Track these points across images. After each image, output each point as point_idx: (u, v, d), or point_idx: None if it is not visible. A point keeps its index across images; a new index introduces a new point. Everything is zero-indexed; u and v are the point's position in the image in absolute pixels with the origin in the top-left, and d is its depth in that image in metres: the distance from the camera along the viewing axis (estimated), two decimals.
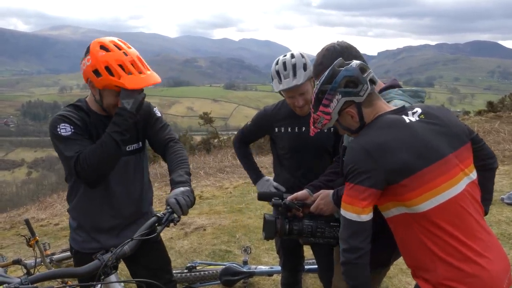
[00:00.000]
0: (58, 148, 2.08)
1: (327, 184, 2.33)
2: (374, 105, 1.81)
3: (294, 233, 2.21)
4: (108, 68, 1.98)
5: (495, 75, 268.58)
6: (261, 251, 4.87)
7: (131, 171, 2.30)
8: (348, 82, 1.77)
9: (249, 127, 2.90)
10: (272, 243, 5.14)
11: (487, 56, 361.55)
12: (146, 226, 1.73)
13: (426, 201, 1.66)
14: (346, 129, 1.88)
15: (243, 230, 5.55)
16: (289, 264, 3.02)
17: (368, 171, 1.66)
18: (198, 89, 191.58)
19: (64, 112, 2.14)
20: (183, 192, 1.94)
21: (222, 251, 4.92)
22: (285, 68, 2.50)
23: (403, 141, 1.68)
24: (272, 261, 4.60)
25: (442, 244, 1.67)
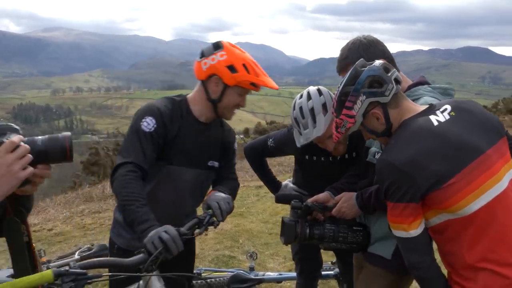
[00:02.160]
0: (128, 137, 2.01)
1: (349, 186, 2.21)
2: (401, 105, 1.71)
3: (315, 237, 2.08)
4: (245, 66, 1.97)
5: (486, 80, 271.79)
6: (265, 257, 4.73)
7: (199, 185, 2.19)
8: (372, 82, 1.67)
9: (271, 149, 2.64)
10: (277, 247, 5.03)
11: (478, 62, 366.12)
12: (187, 227, 1.77)
13: (471, 203, 1.54)
14: (371, 132, 1.77)
15: (246, 235, 5.41)
16: (307, 271, 2.89)
17: (403, 187, 1.57)
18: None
19: (160, 104, 2.07)
20: (224, 199, 1.95)
21: (226, 256, 4.77)
22: (302, 116, 2.24)
23: (432, 151, 1.57)
24: (278, 266, 4.47)
25: (485, 249, 1.56)
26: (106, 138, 37.39)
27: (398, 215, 1.62)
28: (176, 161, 2.07)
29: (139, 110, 2.08)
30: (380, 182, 1.67)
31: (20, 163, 1.19)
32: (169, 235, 1.64)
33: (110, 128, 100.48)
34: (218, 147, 2.20)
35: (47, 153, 1.26)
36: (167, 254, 1.62)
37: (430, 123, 1.63)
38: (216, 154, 2.19)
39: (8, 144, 1.18)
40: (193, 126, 2.10)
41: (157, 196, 2.01)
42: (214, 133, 2.18)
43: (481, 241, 1.56)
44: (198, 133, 2.10)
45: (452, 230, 1.60)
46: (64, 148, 1.27)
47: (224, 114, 2.11)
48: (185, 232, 1.73)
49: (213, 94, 2.03)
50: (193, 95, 2.14)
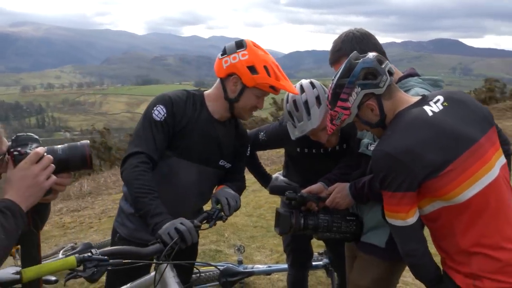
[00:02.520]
0: (139, 125, 2.01)
1: (342, 177, 2.22)
2: (394, 97, 1.74)
3: (309, 228, 2.10)
4: (266, 68, 1.94)
5: (456, 71, 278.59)
6: (252, 250, 4.73)
7: (206, 183, 2.16)
8: (367, 74, 1.70)
9: (262, 142, 2.62)
10: (263, 240, 5.03)
11: (449, 54, 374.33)
12: (199, 219, 1.83)
13: (465, 190, 1.58)
14: (366, 124, 1.79)
15: (231, 229, 5.39)
16: (299, 262, 2.91)
17: (400, 176, 1.59)
18: (167, 87, 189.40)
19: (173, 94, 2.05)
20: (234, 196, 1.99)
21: (212, 251, 4.75)
22: (296, 108, 2.25)
23: (428, 141, 1.60)
24: (265, 259, 4.48)
25: (478, 235, 1.60)
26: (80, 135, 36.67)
27: (396, 204, 1.64)
28: (184, 155, 2.04)
29: (154, 98, 2.07)
30: (376, 172, 1.69)
31: (45, 173, 1.25)
32: (185, 226, 1.67)
33: (83, 125, 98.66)
34: (231, 147, 2.17)
35: (68, 162, 1.33)
36: (182, 244, 1.66)
37: (425, 113, 1.66)
38: (228, 155, 2.16)
39: (33, 155, 1.25)
40: (205, 121, 2.06)
41: (161, 189, 1.97)
42: (228, 132, 2.15)
43: (474, 227, 1.60)
44: (211, 129, 2.07)
45: (446, 217, 1.64)
46: (84, 156, 1.34)
47: (241, 114, 2.08)
48: (198, 224, 1.78)
49: (231, 93, 2.01)
50: (211, 92, 2.11)
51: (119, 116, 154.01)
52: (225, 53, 1.98)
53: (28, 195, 1.23)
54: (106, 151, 17.68)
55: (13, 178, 1.24)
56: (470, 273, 1.61)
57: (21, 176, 1.23)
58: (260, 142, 2.62)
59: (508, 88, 20.64)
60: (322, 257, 3.58)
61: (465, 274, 1.63)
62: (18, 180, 1.23)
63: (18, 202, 1.21)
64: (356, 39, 1.99)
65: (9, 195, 1.22)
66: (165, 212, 1.78)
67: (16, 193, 1.22)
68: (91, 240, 5.31)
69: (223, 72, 1.98)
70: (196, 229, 1.73)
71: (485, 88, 18.91)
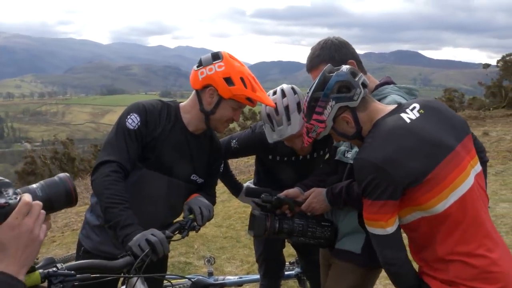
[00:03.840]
0: (111, 133, 1.95)
1: (318, 184, 2.21)
2: (369, 108, 1.75)
3: (284, 231, 2.08)
4: (242, 79, 1.92)
5: (417, 82, 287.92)
6: (222, 261, 4.67)
7: (176, 197, 2.07)
8: (341, 87, 1.71)
9: (234, 150, 2.58)
10: (233, 251, 4.98)
11: (409, 65, 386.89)
12: (171, 230, 1.79)
13: (443, 200, 1.59)
14: (342, 136, 1.81)
15: (201, 240, 5.31)
16: (271, 272, 2.88)
17: (382, 184, 1.59)
18: (133, 97, 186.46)
19: (147, 103, 2.00)
20: (207, 205, 1.95)
21: (182, 263, 4.65)
22: (277, 112, 2.23)
23: (409, 149, 1.60)
24: (236, 270, 4.42)
25: (455, 243, 1.61)
26: (41, 146, 35.45)
27: (375, 212, 1.63)
28: (155, 167, 1.98)
29: (127, 107, 2.01)
30: (359, 180, 1.68)
31: (39, 224, 1.03)
32: (157, 237, 1.62)
33: (45, 136, 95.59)
34: (204, 161, 2.12)
35: (51, 202, 1.16)
36: (154, 256, 1.60)
37: (403, 120, 1.67)
38: (201, 169, 2.10)
39: (24, 206, 1.01)
40: (179, 134, 2.01)
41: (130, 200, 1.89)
42: (202, 145, 2.10)
43: (452, 235, 1.61)
44: (184, 142, 2.02)
45: (426, 227, 1.64)
46: (68, 191, 1.19)
47: (217, 126, 2.04)
48: (170, 235, 1.72)
49: (207, 105, 1.97)
50: (186, 104, 2.06)
51: (82, 127, 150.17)
52: (201, 65, 1.96)
53: (26, 257, 0.98)
54: (69, 162, 17.18)
55: (3, 241, 0.96)
56: (447, 280, 1.62)
57: (15, 236, 0.97)
58: (232, 150, 2.59)
59: (466, 98, 21.48)
60: (294, 266, 3.56)
61: (442, 280, 1.63)
62: (12, 241, 0.97)
63: (15, 273, 0.95)
64: (334, 47, 2.00)
65: (4, 265, 0.95)
66: (135, 223, 1.72)
67: (13, 260, 0.96)
68: (53, 254, 5.09)
69: (199, 84, 1.95)
70: (168, 240, 1.68)
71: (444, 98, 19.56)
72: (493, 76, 19.13)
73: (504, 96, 17.74)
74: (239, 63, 1.98)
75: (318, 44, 2.05)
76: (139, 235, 1.63)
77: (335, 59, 1.97)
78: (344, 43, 2.03)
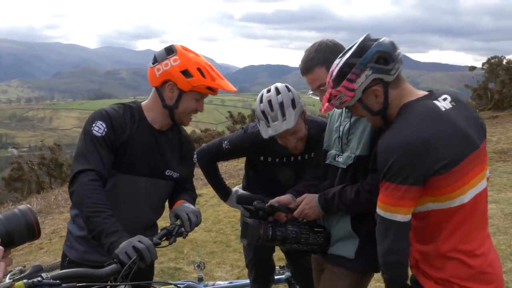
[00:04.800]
0: (80, 142, 1.90)
1: (309, 189, 2.20)
2: (401, 87, 1.67)
3: (277, 239, 2.06)
4: (200, 70, 1.89)
5: None
6: (212, 266, 4.64)
7: (156, 195, 2.07)
8: (380, 58, 1.61)
9: (226, 151, 2.57)
10: (223, 256, 4.96)
11: None
12: (158, 237, 1.76)
13: (462, 195, 1.56)
14: (366, 109, 1.70)
15: (190, 245, 5.27)
16: (262, 277, 2.87)
17: (412, 168, 1.51)
18: (121, 101, 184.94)
19: (109, 109, 1.96)
20: (194, 211, 1.93)
21: (171, 268, 4.61)
22: (271, 108, 2.21)
23: (444, 135, 1.54)
24: (226, 275, 4.40)
25: (458, 240, 1.59)
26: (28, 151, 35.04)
27: (398, 197, 1.54)
28: (128, 170, 1.95)
29: (90, 115, 1.97)
30: (384, 161, 1.57)
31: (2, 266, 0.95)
32: (144, 244, 1.59)
33: (32, 141, 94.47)
34: (176, 155, 2.10)
35: (12, 237, 1.10)
36: (141, 263, 1.57)
37: (437, 107, 1.61)
38: (174, 163, 2.09)
39: None
40: (146, 133, 1.99)
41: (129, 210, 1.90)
42: (171, 140, 2.09)
43: (458, 232, 1.59)
44: (152, 140, 2.00)
45: (434, 220, 1.60)
46: (30, 225, 1.12)
47: (181, 120, 2.03)
48: (157, 241, 1.70)
49: (169, 100, 1.95)
50: (147, 102, 2.04)
51: (70, 132, 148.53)
52: (156, 61, 1.94)
53: None
54: (56, 168, 16.97)
55: None
56: (443, 279, 1.60)
57: None
58: (223, 151, 2.58)
59: None
60: (284, 270, 3.55)
61: (436, 280, 1.61)
62: None
63: None
64: (329, 49, 2.00)
65: None
66: (120, 230, 1.68)
67: None
68: (41, 262, 5.02)
69: (157, 81, 1.93)
70: (155, 246, 1.66)
71: None
72: (479, 78, 19.38)
73: (490, 98, 17.98)
74: (194, 53, 1.96)
75: (313, 46, 2.04)
76: (126, 242, 1.60)
77: (330, 62, 1.96)
78: (338, 46, 2.03)
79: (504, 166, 8.01)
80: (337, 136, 2.10)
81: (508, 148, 9.44)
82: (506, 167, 7.95)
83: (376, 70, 1.61)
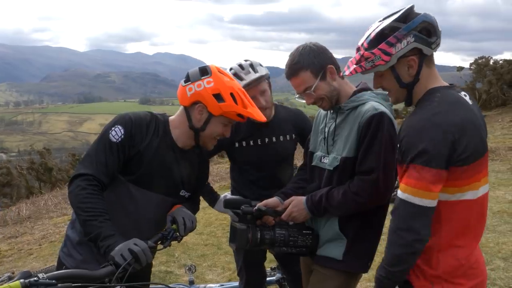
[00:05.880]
0: (95, 144, 1.89)
1: (297, 191, 2.22)
2: (432, 67, 1.63)
3: (266, 242, 2.06)
4: (233, 95, 1.85)
5: None
6: (203, 269, 4.63)
7: (165, 212, 2.01)
8: (424, 29, 1.57)
9: None
10: (214, 258, 4.95)
11: None
12: (154, 240, 1.79)
13: (476, 189, 1.57)
14: (396, 79, 1.63)
15: (181, 248, 5.25)
16: (253, 281, 2.86)
17: (446, 152, 1.47)
18: (111, 104, 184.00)
19: (135, 114, 1.94)
20: (190, 216, 1.94)
21: (162, 272, 4.59)
22: (242, 68, 2.42)
23: (475, 124, 1.53)
24: (217, 277, 4.39)
25: (455, 235, 1.59)
26: (17, 156, 34.68)
27: (430, 181, 1.48)
28: (145, 184, 1.92)
29: (116, 116, 1.95)
30: (413, 144, 1.51)
31: None
32: (139, 247, 1.61)
33: (21, 145, 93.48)
34: (193, 178, 2.07)
35: None
36: (137, 265, 1.60)
37: (465, 100, 1.60)
38: (190, 184, 2.06)
39: None
40: (167, 148, 1.95)
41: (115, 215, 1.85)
42: (190, 162, 2.05)
43: (457, 227, 1.59)
44: (172, 158, 1.96)
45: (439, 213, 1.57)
46: None
47: (205, 143, 1.98)
48: (152, 245, 1.73)
49: (196, 122, 1.91)
50: (175, 118, 1.99)
51: (60, 136, 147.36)
52: (188, 80, 1.89)
53: None
54: (46, 172, 16.80)
55: None
56: (434, 276, 1.59)
57: None
58: None
59: None
60: (275, 272, 3.56)
61: (426, 277, 1.60)
62: None
63: None
64: (313, 53, 1.99)
65: None
66: (117, 233, 1.69)
67: None
68: (31, 268, 4.96)
69: (188, 101, 1.89)
70: (151, 249, 1.67)
71: None
72: (467, 78, 19.62)
73: (477, 98, 18.20)
74: (229, 77, 1.92)
75: (296, 50, 2.04)
76: (122, 245, 1.61)
77: (314, 65, 1.97)
78: (322, 48, 2.03)
79: (492, 165, 8.10)
80: (322, 137, 2.12)
81: (496, 147, 9.56)
82: (494, 166, 8.05)
83: (419, 39, 1.56)
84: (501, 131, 12.30)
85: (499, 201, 6.05)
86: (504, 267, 4.06)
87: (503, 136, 11.51)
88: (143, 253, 1.62)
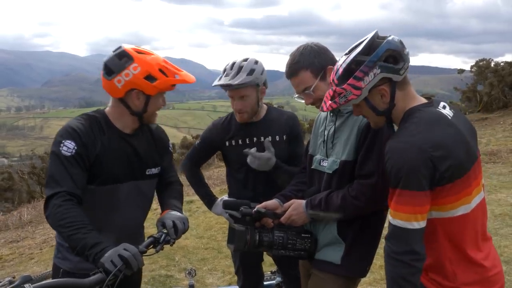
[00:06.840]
0: (51, 165, 1.85)
1: (296, 194, 2.21)
2: (406, 89, 1.62)
3: (264, 244, 2.05)
4: (161, 70, 1.88)
5: None
6: (204, 272, 4.62)
7: (142, 196, 2.08)
8: (389, 57, 1.56)
9: (198, 147, 2.71)
10: (214, 262, 4.93)
11: None
12: (145, 245, 1.75)
13: (467, 203, 1.55)
14: (371, 109, 1.64)
15: (182, 252, 5.24)
16: (250, 284, 2.85)
17: (427, 173, 1.46)
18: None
19: (75, 124, 1.91)
20: (180, 218, 1.92)
21: (162, 276, 4.58)
22: (231, 67, 2.43)
23: (456, 141, 1.52)
24: (217, 281, 4.38)
25: (463, 248, 1.58)
26: (19, 161, 34.74)
27: (416, 204, 1.48)
28: (110, 180, 1.94)
29: (56, 134, 1.92)
30: (397, 165, 1.50)
31: None
32: (130, 252, 1.59)
33: (23, 150, 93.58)
34: (153, 152, 2.11)
35: None
36: (127, 271, 1.57)
37: (444, 115, 1.59)
38: (153, 161, 2.10)
39: None
40: (118, 139, 1.98)
41: (101, 223, 1.87)
42: (144, 140, 2.09)
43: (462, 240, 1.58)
44: (126, 144, 2.00)
45: (436, 229, 1.58)
46: None
47: (150, 120, 2.04)
48: (143, 250, 1.70)
49: (136, 107, 1.93)
50: (111, 110, 2.00)
51: None
52: (112, 72, 1.87)
53: None
54: None
55: None
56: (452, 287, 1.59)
57: None
58: (198, 150, 2.71)
59: None
60: (275, 276, 3.55)
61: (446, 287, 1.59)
62: None
63: None
64: (314, 53, 1.99)
65: None
66: (103, 241, 1.67)
67: None
68: (32, 272, 4.96)
69: (121, 92, 1.89)
70: (142, 255, 1.66)
71: None
72: (468, 81, 19.57)
73: (479, 100, 18.17)
74: (148, 53, 1.92)
75: (297, 50, 2.03)
76: (111, 251, 1.59)
77: (314, 65, 1.97)
78: (323, 49, 2.03)
79: (494, 167, 8.08)
80: (322, 140, 2.11)
81: (497, 150, 9.52)
82: (495, 169, 8.02)
83: (385, 69, 1.56)
84: (502, 134, 12.26)
85: (501, 204, 6.02)
86: (506, 270, 4.04)
87: (505, 138, 11.47)
88: (134, 258, 1.59)
